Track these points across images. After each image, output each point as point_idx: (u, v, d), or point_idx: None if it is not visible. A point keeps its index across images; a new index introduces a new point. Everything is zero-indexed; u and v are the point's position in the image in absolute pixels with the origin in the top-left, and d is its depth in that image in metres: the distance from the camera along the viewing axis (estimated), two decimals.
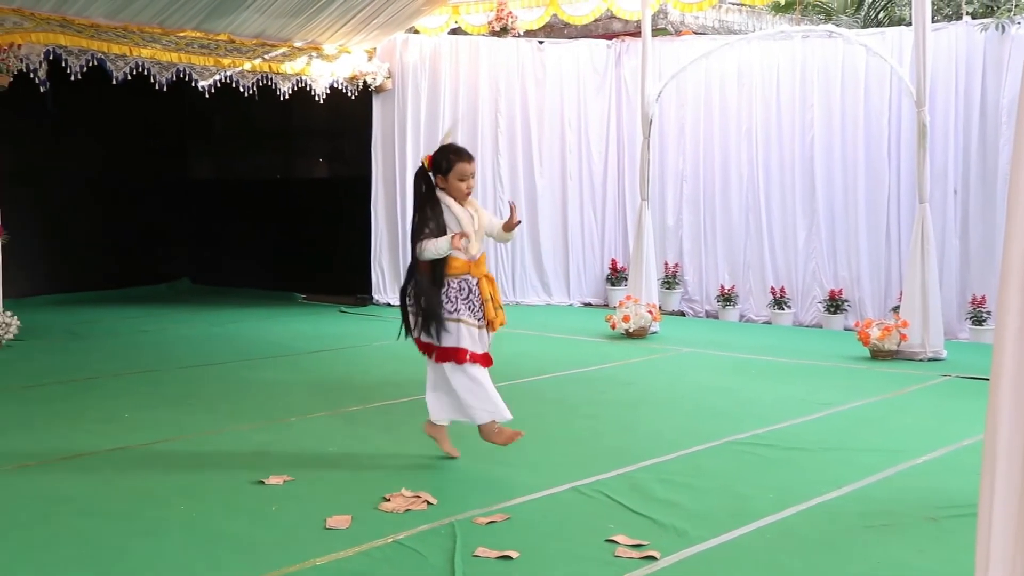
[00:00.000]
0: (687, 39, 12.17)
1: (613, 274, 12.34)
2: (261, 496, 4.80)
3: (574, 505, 4.71)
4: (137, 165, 13.78)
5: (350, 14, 11.35)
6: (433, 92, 12.30)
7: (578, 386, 7.61)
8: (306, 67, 11.66)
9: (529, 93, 12.41)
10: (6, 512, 4.55)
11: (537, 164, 12.44)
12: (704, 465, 5.41)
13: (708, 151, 11.67)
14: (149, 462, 5.44)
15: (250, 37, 11.14)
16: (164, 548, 4.12)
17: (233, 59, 10.99)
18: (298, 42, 11.56)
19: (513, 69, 12.38)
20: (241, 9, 10.57)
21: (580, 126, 12.47)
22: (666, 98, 11.38)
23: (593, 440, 5.99)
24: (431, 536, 4.24)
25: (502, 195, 12.37)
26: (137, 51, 10.18)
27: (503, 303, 5.51)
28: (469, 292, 5.29)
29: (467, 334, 5.24)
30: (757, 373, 8.17)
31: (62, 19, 9.67)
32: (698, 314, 11.72)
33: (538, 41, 12.53)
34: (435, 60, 12.33)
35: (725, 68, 11.45)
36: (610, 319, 9.94)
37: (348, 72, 12.00)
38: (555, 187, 12.49)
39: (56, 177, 12.90)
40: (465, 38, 12.48)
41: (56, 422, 6.36)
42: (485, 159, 12.37)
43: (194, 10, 10.34)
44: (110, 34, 10.02)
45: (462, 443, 5.69)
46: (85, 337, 9.93)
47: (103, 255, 13.43)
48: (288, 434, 6.04)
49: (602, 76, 12.44)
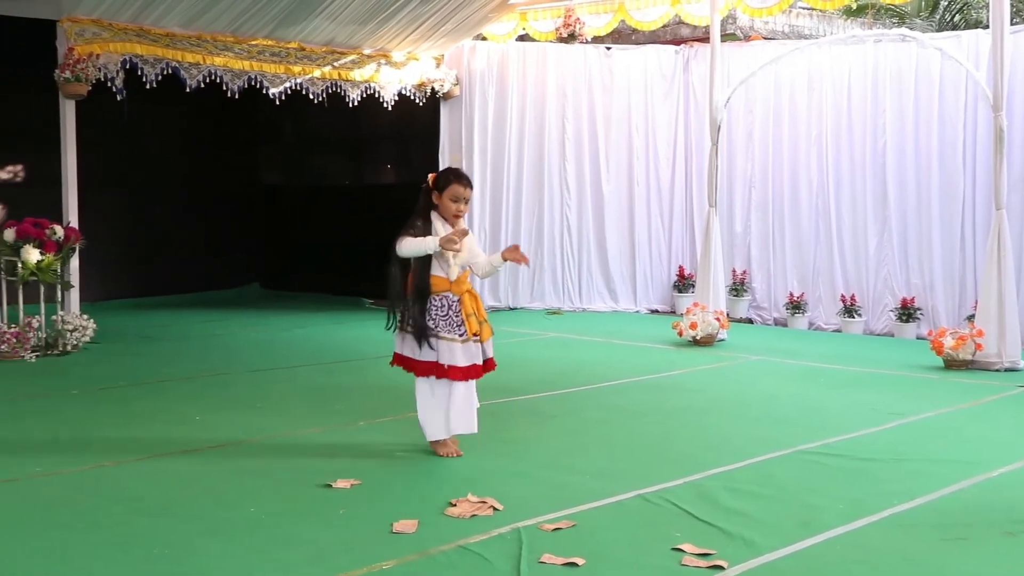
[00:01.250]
0: (756, 44, 12.07)
1: (680, 281, 12.26)
2: (328, 499, 4.84)
3: (640, 513, 4.68)
4: (209, 171, 14.00)
5: (418, 21, 11.42)
6: (500, 99, 12.34)
7: (644, 393, 7.56)
8: (375, 74, 11.76)
9: (596, 99, 12.38)
10: (81, 511, 4.63)
11: (604, 170, 12.41)
12: (773, 474, 5.34)
13: (777, 157, 11.55)
14: (219, 464, 5.51)
15: (320, 45, 11.26)
16: (232, 549, 4.16)
17: (303, 66, 11.11)
18: (367, 49, 11.66)
19: (580, 75, 12.37)
20: (312, 17, 10.69)
21: (647, 132, 12.42)
22: (735, 104, 11.29)
23: (660, 447, 5.94)
24: (497, 542, 4.24)
25: (569, 202, 12.37)
26: (210, 59, 10.34)
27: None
28: (449, 308, 5.55)
29: (445, 349, 5.51)
30: (827, 382, 8.06)
31: (139, 29, 9.86)
32: (766, 321, 11.60)
33: (605, 47, 12.50)
34: (502, 67, 12.36)
35: (795, 73, 11.33)
36: (677, 326, 9.87)
37: (416, 79, 12.07)
38: (622, 193, 12.45)
39: (131, 184, 13.14)
40: (532, 44, 12.49)
41: (129, 423, 6.47)
42: (552, 166, 12.38)
43: (266, 19, 10.48)
44: (184, 43, 10.19)
45: (529, 451, 5.69)
46: (158, 340, 10.09)
47: (176, 260, 13.65)
48: (356, 438, 6.08)
49: (670, 82, 12.37)
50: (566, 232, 12.43)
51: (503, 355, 9.11)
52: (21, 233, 8.86)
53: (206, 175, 13.97)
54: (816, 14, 14.93)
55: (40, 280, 8.97)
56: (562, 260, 12.46)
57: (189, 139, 13.70)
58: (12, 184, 12.02)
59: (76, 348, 9.15)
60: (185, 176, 13.80)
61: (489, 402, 7.09)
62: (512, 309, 12.38)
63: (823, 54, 11.14)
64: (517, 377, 8.10)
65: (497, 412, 6.82)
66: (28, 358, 8.74)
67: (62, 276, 9.22)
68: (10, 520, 4.51)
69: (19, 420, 6.58)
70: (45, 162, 10.46)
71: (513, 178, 12.36)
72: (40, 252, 8.85)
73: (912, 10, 15.58)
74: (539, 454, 5.71)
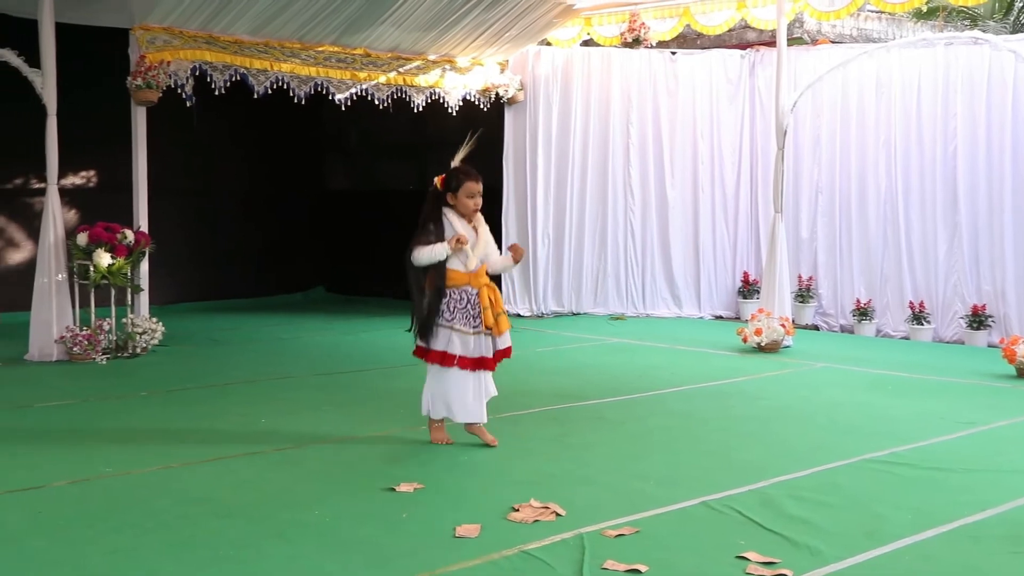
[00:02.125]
0: (824, 48, 11.94)
1: (745, 287, 12.17)
2: (392, 503, 4.87)
3: (704, 520, 4.65)
4: (276, 176, 14.17)
5: (483, 27, 11.47)
6: (564, 104, 12.34)
7: (708, 400, 7.51)
8: (439, 79, 11.83)
9: (661, 104, 12.33)
10: (150, 511, 4.71)
11: (668, 176, 12.35)
12: (839, 482, 5.28)
13: (844, 162, 11.41)
14: (284, 466, 5.57)
15: (385, 51, 11.34)
16: (298, 552, 4.20)
17: (369, 72, 11.21)
18: (432, 55, 11.73)
19: (645, 80, 12.33)
20: (377, 24, 10.78)
21: (712, 137, 12.35)
22: (801, 108, 11.18)
23: (724, 454, 5.90)
24: (559, 547, 4.23)
25: (633, 207, 12.33)
26: (277, 66, 10.47)
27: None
28: (468, 302, 5.85)
29: (458, 341, 5.81)
30: (895, 390, 7.94)
31: (208, 36, 10.01)
32: (833, 328, 11.46)
33: (671, 52, 12.45)
34: (567, 72, 12.36)
35: (863, 77, 11.18)
36: (741, 332, 9.79)
37: (480, 84, 12.12)
38: (686, 198, 12.38)
39: (200, 188, 13.34)
40: (597, 50, 12.48)
41: (196, 425, 6.56)
42: (616, 171, 12.35)
43: (332, 25, 10.59)
44: (252, 50, 10.33)
45: (592, 456, 5.67)
46: (225, 343, 10.23)
47: (243, 264, 13.83)
48: (418, 442, 6.10)
49: (735, 86, 12.29)
50: (630, 237, 12.39)
51: (567, 361, 9.16)
52: (93, 237, 9.03)
53: (273, 180, 14.14)
54: (885, 17, 14.73)
55: (111, 283, 9.14)
56: (626, 265, 12.42)
57: (256, 144, 13.87)
58: (85, 189, 12.26)
59: (145, 351, 9.31)
60: (252, 181, 13.98)
61: (552, 407, 7.11)
62: (575, 314, 12.36)
63: (892, 58, 10.98)
64: (580, 382, 8.10)
65: (560, 417, 6.82)
66: (99, 360, 8.90)
67: (132, 280, 9.38)
68: (84, 520, 4.59)
69: (90, 421, 6.71)
70: (116, 167, 10.66)
71: (577, 183, 12.35)
72: (111, 256, 9.01)
73: (985, 12, 15.31)
74: (602, 460, 5.70)
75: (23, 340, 9.14)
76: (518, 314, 12.25)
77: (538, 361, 9.14)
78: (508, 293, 12.39)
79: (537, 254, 12.31)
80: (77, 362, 8.84)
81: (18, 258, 11.68)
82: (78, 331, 8.93)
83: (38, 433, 6.32)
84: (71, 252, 9.13)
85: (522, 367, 8.73)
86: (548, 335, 10.86)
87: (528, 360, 9.14)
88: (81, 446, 5.99)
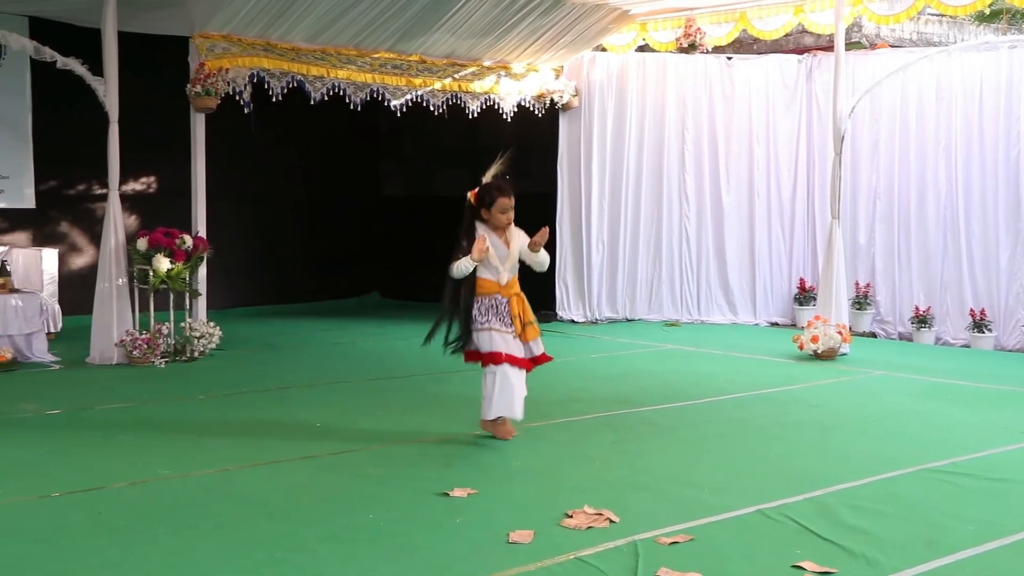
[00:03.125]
0: (883, 52, 11.80)
1: (801, 293, 12.05)
2: (446, 508, 4.88)
3: (760, 528, 4.61)
4: (332, 182, 14.27)
5: (538, 33, 11.48)
6: (619, 109, 12.31)
7: (764, 407, 7.45)
8: (494, 85, 11.85)
9: (717, 110, 12.26)
10: (208, 513, 4.76)
11: (724, 181, 12.28)
12: (897, 492, 5.21)
13: (903, 168, 11.27)
14: (339, 470, 5.61)
15: (441, 57, 11.39)
16: (352, 555, 4.23)
17: (424, 79, 11.26)
18: (487, 61, 11.77)
19: (701, 85, 12.27)
20: (433, 30, 10.83)
21: (768, 143, 12.25)
22: (859, 113, 11.05)
23: (780, 462, 5.84)
24: (613, 554, 4.22)
25: (688, 213, 12.27)
26: (334, 72, 10.55)
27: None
28: (498, 308, 6.11)
29: (500, 340, 6.04)
30: (955, 399, 7.82)
31: (266, 43, 10.11)
32: (891, 336, 11.31)
33: (727, 57, 12.38)
34: (622, 77, 12.34)
35: (923, 82, 11.04)
36: (798, 339, 9.70)
37: (535, 90, 12.13)
38: (742, 204, 12.29)
39: (256, 194, 13.47)
40: (652, 55, 12.44)
41: (253, 429, 6.62)
42: (671, 177, 12.30)
43: (388, 32, 10.65)
44: (309, 56, 10.43)
45: (647, 463, 5.65)
46: (280, 348, 10.31)
47: (299, 269, 13.94)
48: (472, 448, 6.12)
49: (792, 92, 12.19)
50: (684, 243, 12.33)
51: (621, 367, 9.13)
52: (153, 242, 9.15)
53: (328, 186, 14.24)
54: (946, 20, 14.52)
55: (170, 288, 9.25)
56: (680, 272, 12.36)
57: (312, 150, 13.99)
58: (145, 194, 12.43)
59: (203, 354, 9.41)
60: (308, 187, 14.10)
61: (606, 413, 7.09)
62: (629, 320, 12.32)
63: (953, 62, 10.83)
64: (635, 389, 8.07)
65: (614, 424, 6.80)
66: (158, 363, 9.02)
67: (190, 284, 9.50)
68: (142, 521, 4.66)
69: (148, 423, 6.80)
70: (176, 173, 10.81)
71: (631, 189, 12.31)
72: (170, 261, 9.13)
73: None
74: (657, 467, 5.67)
75: (85, 343, 9.29)
76: (572, 320, 12.23)
77: (592, 367, 9.12)
78: (562, 299, 12.38)
79: (591, 260, 12.29)
80: (136, 365, 8.96)
81: (80, 263, 11.87)
82: (138, 335, 9.05)
83: (98, 435, 6.41)
84: (131, 257, 9.26)
85: (576, 373, 8.72)
86: (602, 341, 10.84)
87: (582, 366, 9.13)
88: (140, 448, 6.08)
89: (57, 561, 4.14)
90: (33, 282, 10.28)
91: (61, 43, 9.12)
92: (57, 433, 6.47)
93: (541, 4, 10.86)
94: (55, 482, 5.27)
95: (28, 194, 11.34)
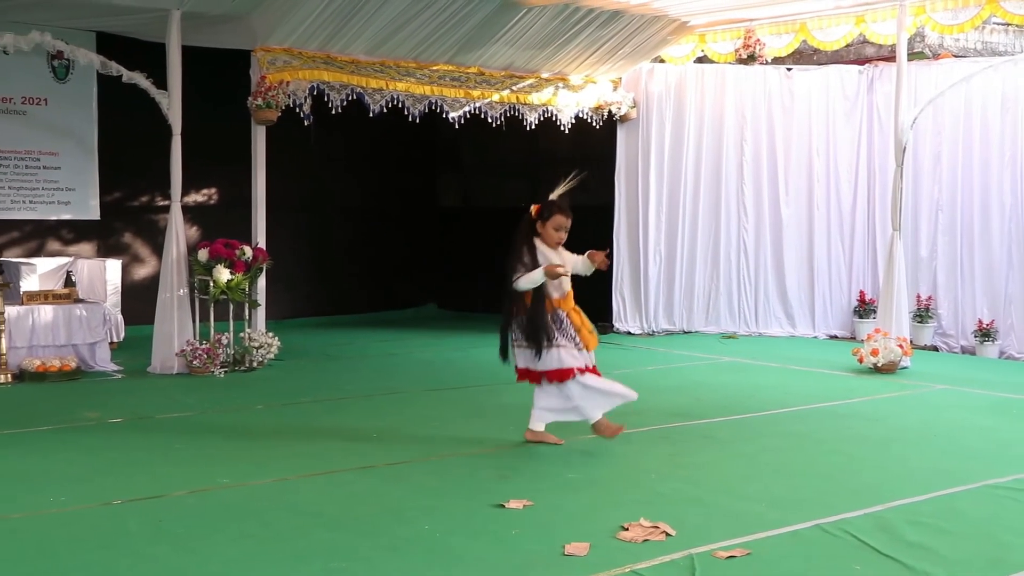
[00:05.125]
0: (946, 62, 11.64)
1: (861, 306, 11.90)
2: (501, 519, 4.88)
3: (818, 543, 4.55)
4: (389, 193, 14.37)
5: (596, 45, 11.48)
6: (678, 121, 12.27)
7: (823, 420, 7.36)
8: (552, 97, 11.86)
9: (776, 121, 12.18)
10: (266, 522, 4.80)
11: (783, 193, 12.18)
12: (960, 508, 5.12)
13: (967, 179, 11.11)
14: (395, 481, 5.63)
15: (499, 69, 11.43)
16: (408, 565, 4.24)
17: (482, 91, 11.31)
18: (545, 73, 11.78)
19: (760, 97, 12.19)
20: (491, 42, 10.87)
21: (828, 154, 12.13)
22: (921, 124, 10.90)
23: (839, 477, 5.77)
24: (669, 568, 4.19)
25: (746, 224, 12.19)
26: (393, 84, 10.63)
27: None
28: (562, 323, 6.25)
29: (567, 355, 6.21)
30: (1020, 414, 7.68)
31: (326, 56, 10.21)
32: (953, 349, 11.14)
33: (786, 68, 12.29)
34: (680, 89, 12.29)
35: (988, 92, 10.88)
36: (857, 352, 9.59)
37: (593, 102, 12.12)
38: (801, 217, 12.18)
39: (315, 205, 13.60)
40: (711, 66, 12.38)
41: (310, 439, 6.67)
42: (729, 188, 12.23)
43: (447, 44, 10.71)
44: (369, 69, 10.51)
45: (703, 476, 5.61)
46: (338, 359, 10.39)
47: (357, 280, 14.05)
48: (527, 459, 6.11)
49: (852, 103, 12.06)
50: (743, 255, 12.25)
51: (678, 379, 9.09)
52: (213, 253, 9.27)
53: (386, 197, 14.34)
54: (1012, 29, 14.28)
55: (230, 298, 9.36)
56: (738, 284, 12.27)
57: (370, 162, 14.10)
58: (206, 206, 12.61)
59: (262, 364, 9.51)
60: (366, 198, 14.20)
61: (663, 426, 7.06)
62: (686, 333, 12.26)
63: (1019, 71, 10.66)
64: (691, 401, 8.02)
65: (671, 436, 6.77)
66: (217, 373, 9.12)
67: (250, 295, 9.60)
68: (202, 529, 4.71)
69: (207, 432, 6.88)
70: (236, 185, 10.95)
71: (689, 201, 12.26)
72: (230, 272, 9.24)
73: None
74: (714, 480, 5.63)
75: (147, 353, 9.43)
76: (628, 332, 12.20)
77: (649, 379, 9.08)
78: (618, 310, 12.36)
79: (648, 272, 12.25)
80: (196, 375, 9.08)
81: (143, 273, 12.06)
82: (198, 345, 9.16)
83: (158, 443, 6.50)
84: (192, 268, 9.39)
85: (633, 385, 8.63)
86: (659, 353, 10.79)
87: (639, 378, 9.09)
88: (199, 457, 6.15)
89: (119, 568, 4.19)
90: (97, 292, 10.47)
91: (126, 58, 9.29)
92: (119, 441, 6.57)
93: (599, 16, 10.86)
94: (116, 489, 5.35)
95: (93, 206, 11.56)
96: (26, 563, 4.23)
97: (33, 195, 11.15)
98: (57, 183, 11.28)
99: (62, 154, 11.30)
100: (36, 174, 11.15)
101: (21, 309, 9.04)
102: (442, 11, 10.09)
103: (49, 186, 11.23)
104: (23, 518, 4.86)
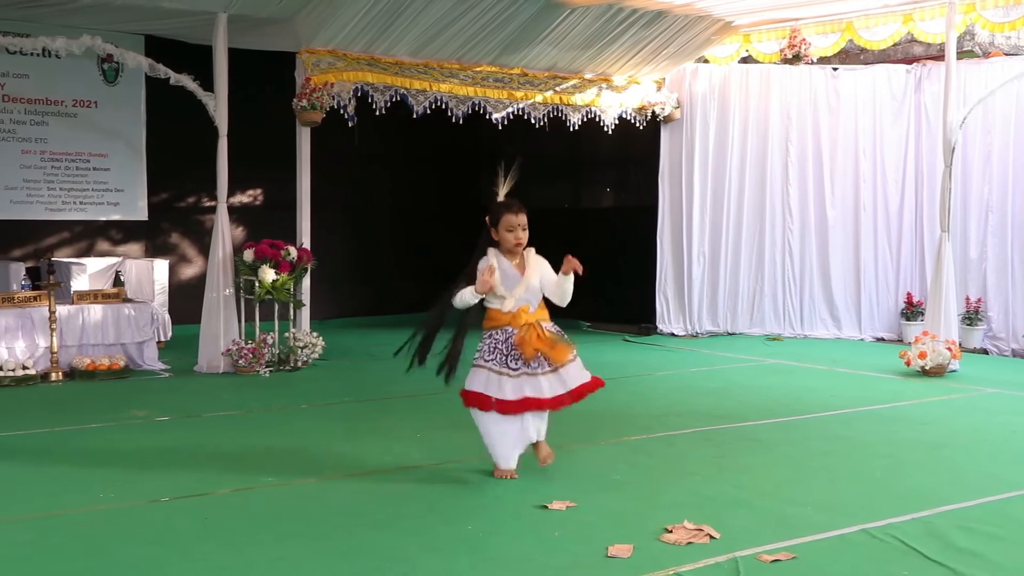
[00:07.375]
0: (996, 61, 11.49)
1: (908, 308, 11.78)
2: (545, 520, 4.87)
3: (864, 548, 4.50)
4: (432, 194, 14.41)
5: (640, 45, 11.45)
6: (722, 122, 12.20)
7: (869, 424, 7.29)
8: (596, 98, 11.84)
9: (821, 121, 12.08)
10: (308, 521, 4.83)
11: (829, 194, 12.08)
12: (1012, 514, 5.04)
13: (1017, 180, 10.96)
14: (439, 481, 5.64)
15: (542, 70, 11.43)
16: (452, 565, 4.24)
17: (526, 92, 11.31)
18: (588, 74, 11.77)
19: (805, 97, 12.10)
20: (535, 43, 10.87)
21: (875, 154, 12.02)
22: (971, 124, 10.78)
23: (886, 481, 5.71)
24: (714, 571, 4.17)
25: (791, 226, 12.10)
26: (436, 86, 10.66)
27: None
28: (504, 342, 5.49)
29: (495, 382, 5.44)
30: None
31: (370, 58, 10.26)
32: (1003, 352, 10.99)
33: (832, 68, 12.18)
34: (724, 89, 12.23)
35: None
36: (905, 355, 9.48)
37: (637, 102, 12.09)
38: (847, 218, 12.08)
39: (359, 206, 13.67)
40: (756, 66, 12.30)
41: (354, 439, 6.71)
42: (774, 189, 12.14)
43: (490, 46, 10.73)
44: (412, 70, 10.55)
45: (748, 479, 5.58)
46: (382, 359, 10.42)
47: (400, 281, 14.09)
48: (571, 461, 6.10)
49: (900, 102, 11.94)
50: (788, 257, 12.16)
51: (722, 381, 9.03)
52: (259, 254, 9.34)
53: (429, 198, 14.39)
54: None
55: (275, 299, 9.43)
56: (783, 285, 12.19)
57: (413, 163, 14.14)
58: (252, 207, 12.71)
59: (306, 364, 9.57)
60: (410, 199, 14.25)
61: (707, 428, 7.01)
62: (730, 334, 12.19)
63: None
64: (736, 403, 7.97)
65: (716, 439, 6.72)
66: (262, 373, 9.19)
67: (295, 295, 9.66)
68: (248, 527, 4.74)
69: (253, 431, 6.93)
70: (281, 186, 11.02)
71: (734, 202, 12.19)
72: (275, 272, 9.30)
73: None
74: (759, 483, 5.59)
75: (193, 352, 9.52)
76: (672, 333, 12.15)
77: (693, 381, 9.04)
78: (662, 312, 12.31)
79: (692, 273, 12.20)
80: (242, 374, 9.15)
81: (190, 273, 12.18)
82: (243, 344, 9.24)
83: (204, 442, 6.56)
84: (238, 268, 9.47)
85: (676, 387, 8.65)
86: (703, 355, 10.73)
87: (683, 380, 9.05)
88: (245, 455, 6.19)
89: (167, 564, 4.23)
90: (145, 292, 10.59)
91: (174, 60, 9.39)
92: (166, 439, 6.64)
93: (643, 16, 10.83)
94: (164, 487, 5.40)
95: (141, 207, 11.70)
96: (77, 559, 4.28)
97: (83, 196, 11.30)
98: (106, 184, 11.43)
99: (111, 156, 11.45)
100: (86, 175, 11.31)
101: (72, 308, 9.16)
102: (485, 12, 10.10)
103: (99, 187, 11.38)
104: (73, 514, 4.92)
